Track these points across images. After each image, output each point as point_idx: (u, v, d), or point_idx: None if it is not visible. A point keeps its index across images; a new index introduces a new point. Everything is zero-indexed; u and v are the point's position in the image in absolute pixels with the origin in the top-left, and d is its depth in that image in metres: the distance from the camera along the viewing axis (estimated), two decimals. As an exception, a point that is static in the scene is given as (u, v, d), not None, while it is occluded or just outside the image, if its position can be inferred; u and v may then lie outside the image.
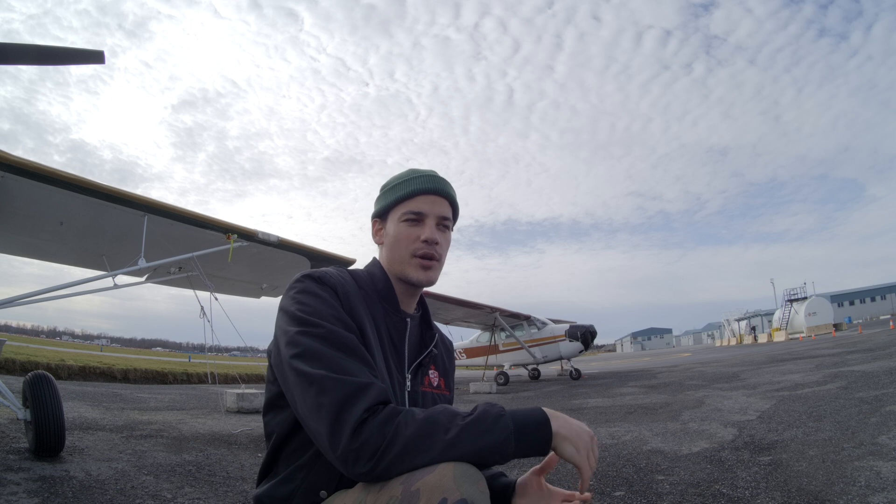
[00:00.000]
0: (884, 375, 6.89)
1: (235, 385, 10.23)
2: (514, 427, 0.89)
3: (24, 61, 3.81)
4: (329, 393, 0.87)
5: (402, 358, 1.14)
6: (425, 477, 0.81)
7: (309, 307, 0.99)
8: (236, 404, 8.18)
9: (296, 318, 0.98)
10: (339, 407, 0.86)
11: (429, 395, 1.19)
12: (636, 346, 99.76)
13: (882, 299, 58.39)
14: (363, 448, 0.83)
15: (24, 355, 13.66)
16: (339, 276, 1.09)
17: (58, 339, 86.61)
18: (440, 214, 1.17)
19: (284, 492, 1.01)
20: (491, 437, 0.87)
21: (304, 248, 6.35)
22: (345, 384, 0.88)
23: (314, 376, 0.90)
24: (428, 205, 1.16)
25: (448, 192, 1.19)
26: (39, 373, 4.06)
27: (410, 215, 1.15)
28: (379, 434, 0.84)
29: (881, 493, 2.59)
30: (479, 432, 0.87)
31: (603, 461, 3.92)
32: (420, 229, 1.15)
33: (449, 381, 1.30)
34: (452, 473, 0.82)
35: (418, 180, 1.17)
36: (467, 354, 18.82)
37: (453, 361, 1.36)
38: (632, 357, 45.73)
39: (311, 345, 0.93)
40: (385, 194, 1.21)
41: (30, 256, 6.30)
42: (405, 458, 0.83)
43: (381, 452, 0.83)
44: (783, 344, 26.69)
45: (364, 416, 0.85)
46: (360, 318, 1.04)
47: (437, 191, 1.17)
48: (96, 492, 3.08)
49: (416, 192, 1.16)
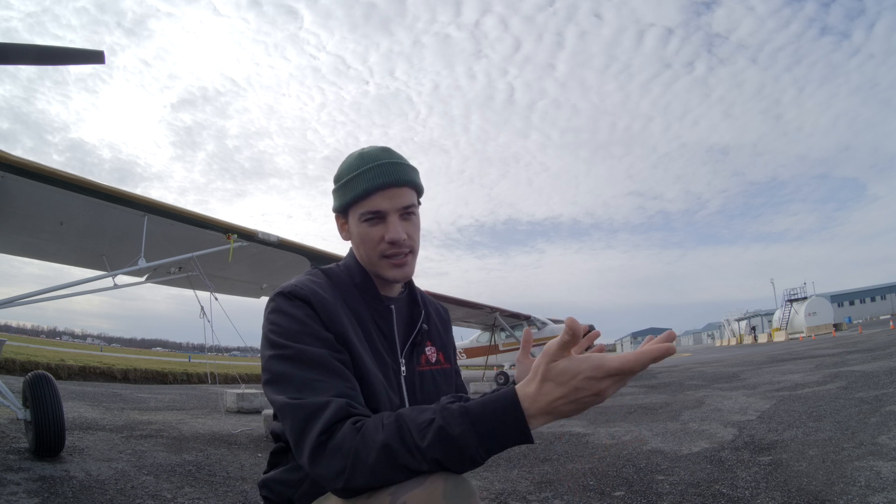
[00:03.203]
0: (884, 375, 6.88)
1: (235, 385, 10.23)
2: (475, 429, 0.76)
3: (23, 61, 3.81)
4: (288, 419, 0.89)
5: (393, 344, 1.12)
6: (414, 490, 0.77)
7: (278, 327, 0.98)
8: (236, 404, 8.18)
9: (267, 341, 0.99)
10: (299, 433, 0.86)
11: (427, 373, 1.16)
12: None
13: (882, 299, 58.37)
14: (327, 470, 0.82)
15: (24, 355, 13.65)
16: (310, 285, 1.04)
17: (58, 339, 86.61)
18: (401, 206, 1.08)
19: (294, 478, 1.03)
20: (454, 447, 0.77)
21: (304, 248, 6.35)
22: (301, 409, 0.87)
23: (277, 403, 0.92)
24: (386, 200, 1.07)
25: (405, 179, 1.08)
26: (39, 373, 4.07)
27: (369, 215, 1.08)
28: (338, 455, 0.81)
29: (881, 493, 2.59)
30: (460, 442, 0.76)
31: (603, 461, 3.92)
32: (382, 229, 1.08)
33: (448, 354, 1.25)
34: (443, 489, 0.77)
35: (369, 174, 1.07)
36: (467, 354, 18.82)
37: (450, 331, 1.31)
38: (632, 357, 45.58)
39: (277, 369, 0.94)
40: (339, 190, 1.13)
41: (30, 256, 6.31)
42: (378, 473, 0.79)
43: (348, 472, 0.80)
44: (783, 344, 26.68)
45: (321, 439, 0.83)
46: (338, 322, 1.02)
47: (392, 183, 1.07)
48: (96, 492, 3.08)
49: (369, 190, 1.06)
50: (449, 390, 1.19)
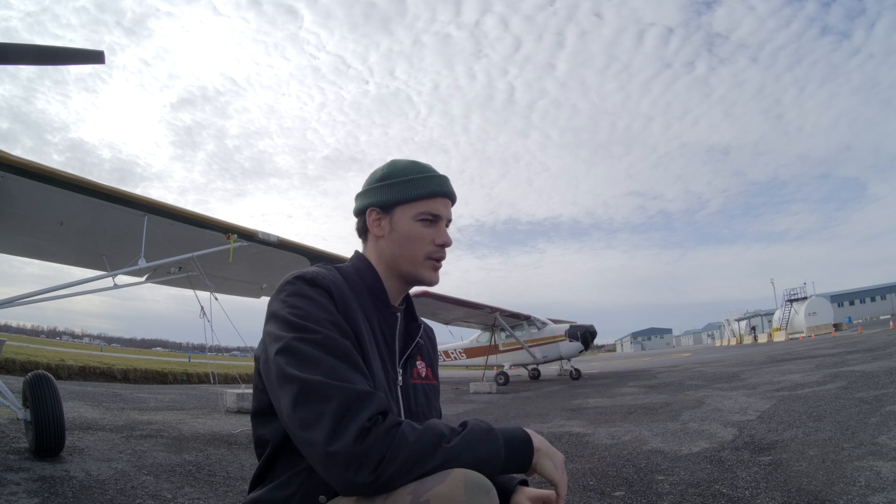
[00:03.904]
0: (884, 375, 6.89)
1: (235, 385, 10.22)
2: (504, 440, 0.90)
3: (23, 61, 3.81)
4: (331, 400, 0.84)
5: (393, 353, 1.13)
6: (436, 487, 0.79)
7: (302, 311, 0.95)
8: (236, 404, 8.18)
9: (289, 323, 0.94)
10: (342, 414, 0.83)
11: (419, 386, 1.18)
12: (636, 346, 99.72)
13: (882, 299, 58.38)
14: (367, 456, 0.80)
15: (24, 355, 13.65)
16: (331, 276, 1.05)
17: (58, 339, 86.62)
18: (450, 218, 1.20)
19: (282, 496, 0.97)
20: (486, 447, 0.88)
21: (304, 248, 6.36)
22: (347, 391, 0.85)
23: (313, 383, 0.86)
24: (443, 207, 1.17)
25: (455, 197, 1.21)
26: (39, 373, 4.07)
27: (428, 216, 1.14)
28: (383, 443, 0.81)
29: (881, 493, 2.59)
30: (475, 441, 0.87)
31: (603, 461, 3.92)
32: (435, 232, 1.15)
33: (435, 371, 1.30)
34: (464, 484, 0.79)
35: (436, 181, 1.16)
36: (467, 354, 18.82)
37: (436, 350, 1.36)
38: (632, 357, 45.73)
39: (308, 351, 0.90)
40: (393, 186, 1.15)
41: (30, 256, 6.31)
42: (409, 469, 0.81)
43: (385, 462, 0.80)
44: (783, 344, 26.68)
45: (368, 425, 0.83)
46: (355, 319, 1.02)
47: (450, 195, 1.19)
48: (96, 492, 3.08)
49: (435, 193, 1.15)
50: (437, 405, 1.24)
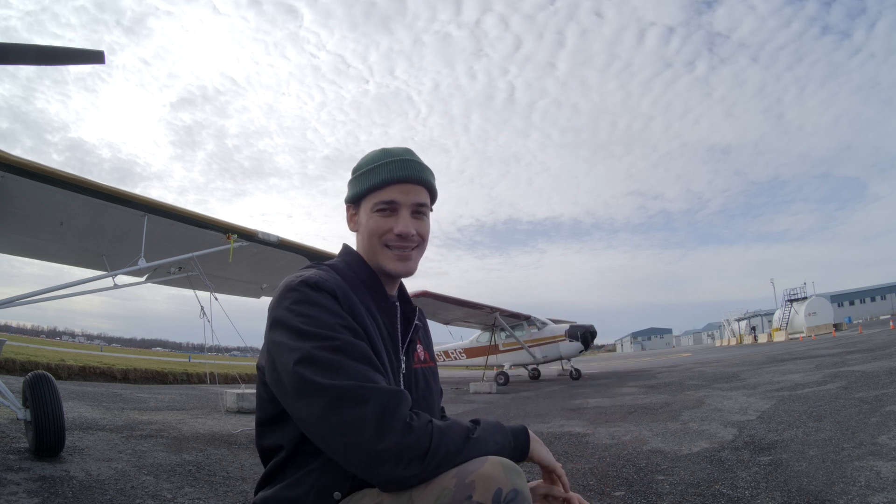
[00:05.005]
0: (884, 375, 6.89)
1: (235, 385, 10.22)
2: (511, 432, 1.03)
3: (23, 61, 3.80)
4: (369, 402, 0.87)
5: (396, 341, 1.14)
6: (479, 469, 0.86)
7: (314, 319, 0.94)
8: (236, 404, 8.17)
9: (303, 332, 0.93)
10: (382, 413, 0.87)
11: (419, 370, 1.20)
12: (636, 346, 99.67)
13: (882, 299, 58.37)
14: (414, 450, 0.86)
15: (24, 355, 13.65)
16: (332, 278, 1.04)
17: (58, 339, 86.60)
18: (415, 202, 1.11)
19: (294, 494, 0.97)
20: (501, 437, 0.99)
21: (304, 248, 6.36)
22: (380, 391, 0.89)
23: (344, 389, 0.87)
24: (401, 194, 1.09)
25: (422, 178, 1.12)
26: (39, 373, 4.06)
27: (382, 206, 1.09)
28: (426, 436, 0.87)
29: (881, 493, 2.59)
30: (493, 433, 0.98)
31: (603, 461, 3.92)
32: (393, 221, 1.10)
33: (432, 353, 1.31)
34: (501, 466, 0.87)
35: (390, 166, 1.10)
36: (467, 354, 18.81)
37: (429, 330, 1.37)
38: (632, 357, 45.72)
39: (330, 358, 0.90)
40: (357, 179, 1.15)
41: (30, 256, 6.31)
42: (451, 459, 0.88)
43: (431, 454, 0.86)
44: (783, 344, 26.68)
45: (409, 421, 0.88)
46: (361, 317, 1.03)
47: (410, 178, 1.10)
48: (96, 492, 3.08)
49: (387, 181, 1.09)
50: (437, 388, 1.26)
